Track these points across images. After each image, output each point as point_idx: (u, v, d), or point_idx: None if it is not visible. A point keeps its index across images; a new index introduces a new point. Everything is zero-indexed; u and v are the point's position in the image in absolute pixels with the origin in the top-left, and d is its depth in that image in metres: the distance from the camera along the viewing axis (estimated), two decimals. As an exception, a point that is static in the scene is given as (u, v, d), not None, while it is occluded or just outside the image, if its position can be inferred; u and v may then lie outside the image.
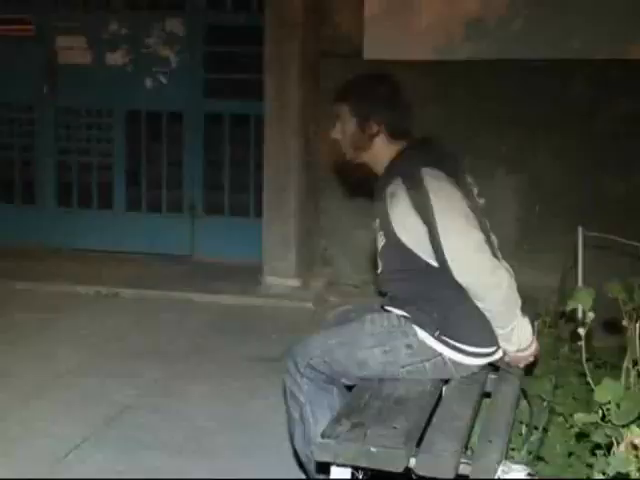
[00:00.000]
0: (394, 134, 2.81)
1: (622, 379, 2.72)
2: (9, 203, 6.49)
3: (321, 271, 5.81)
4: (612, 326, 3.11)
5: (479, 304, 2.62)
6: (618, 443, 2.23)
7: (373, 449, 2.13)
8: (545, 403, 3.20)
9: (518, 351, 2.72)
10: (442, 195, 2.61)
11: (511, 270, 2.69)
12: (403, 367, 2.67)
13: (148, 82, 6.16)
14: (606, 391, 2.36)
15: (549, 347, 3.62)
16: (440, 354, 2.66)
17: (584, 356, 2.78)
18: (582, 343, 2.76)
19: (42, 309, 5.13)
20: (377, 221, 2.78)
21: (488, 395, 2.84)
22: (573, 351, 3.66)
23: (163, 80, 6.14)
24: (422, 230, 2.61)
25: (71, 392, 3.82)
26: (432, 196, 2.58)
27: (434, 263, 2.64)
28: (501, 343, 2.70)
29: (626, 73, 5.08)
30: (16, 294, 5.43)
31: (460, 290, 2.61)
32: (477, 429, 2.65)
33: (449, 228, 2.56)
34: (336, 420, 2.31)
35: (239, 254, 5.96)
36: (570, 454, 2.84)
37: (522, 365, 2.83)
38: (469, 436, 2.53)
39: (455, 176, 2.72)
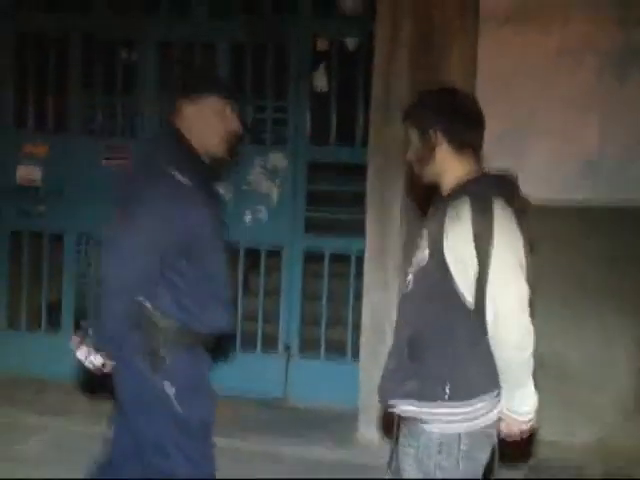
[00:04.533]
0: (456, 144, 2.64)
1: None
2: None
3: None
4: None
5: (497, 360, 2.46)
6: None
7: None
8: None
9: (515, 413, 2.52)
10: (506, 233, 2.44)
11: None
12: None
13: (248, 217, 6.02)
14: None
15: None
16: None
17: None
18: None
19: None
20: (425, 232, 2.60)
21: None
22: None
23: (264, 215, 5.99)
24: (472, 264, 2.42)
25: None
26: (496, 229, 2.41)
27: (469, 302, 2.45)
28: (502, 397, 2.54)
29: None
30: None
31: (480, 343, 2.46)
32: None
33: (501, 272, 2.39)
34: None
35: (334, 399, 5.63)
36: None
37: (517, 437, 2.61)
38: None
39: (520, 221, 2.54)
